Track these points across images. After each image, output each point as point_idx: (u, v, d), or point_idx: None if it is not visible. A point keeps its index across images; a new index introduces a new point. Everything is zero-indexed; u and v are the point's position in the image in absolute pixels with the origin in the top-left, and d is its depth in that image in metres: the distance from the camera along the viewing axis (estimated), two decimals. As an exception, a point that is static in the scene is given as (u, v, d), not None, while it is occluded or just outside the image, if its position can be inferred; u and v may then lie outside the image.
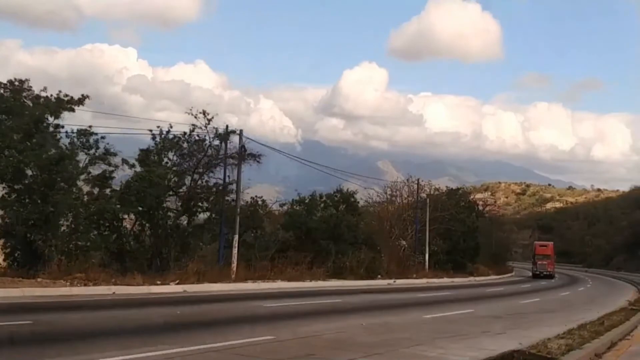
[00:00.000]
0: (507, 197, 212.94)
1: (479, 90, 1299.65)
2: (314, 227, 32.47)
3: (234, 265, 25.76)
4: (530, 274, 59.99)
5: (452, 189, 60.15)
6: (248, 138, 27.42)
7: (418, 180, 48.32)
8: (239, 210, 27.01)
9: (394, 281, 33.63)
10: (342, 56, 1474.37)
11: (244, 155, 26.66)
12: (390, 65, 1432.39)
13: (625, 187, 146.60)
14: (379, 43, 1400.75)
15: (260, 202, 31.52)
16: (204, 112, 25.96)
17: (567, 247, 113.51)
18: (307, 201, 34.27)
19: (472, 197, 69.24)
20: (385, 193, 48.54)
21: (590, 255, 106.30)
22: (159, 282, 20.71)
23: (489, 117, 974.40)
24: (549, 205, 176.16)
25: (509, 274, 61.00)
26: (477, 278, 47.00)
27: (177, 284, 21.05)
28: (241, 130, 27.34)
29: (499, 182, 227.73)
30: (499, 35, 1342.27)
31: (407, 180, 49.92)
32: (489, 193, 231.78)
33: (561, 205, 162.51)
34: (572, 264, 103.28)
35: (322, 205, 34.79)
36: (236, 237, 26.49)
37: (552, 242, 69.72)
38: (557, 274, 59.71)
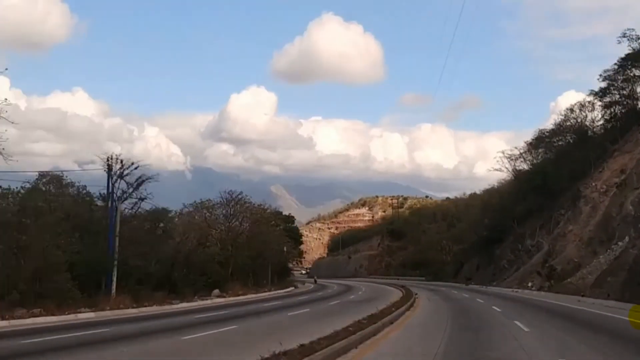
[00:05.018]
0: (384, 211, 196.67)
1: (366, 113, 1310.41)
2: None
3: None
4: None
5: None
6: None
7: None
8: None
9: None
10: (229, 79, 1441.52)
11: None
12: (278, 89, 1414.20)
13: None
14: (266, 66, 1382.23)
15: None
16: None
17: (421, 257, 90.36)
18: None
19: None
20: None
21: (448, 263, 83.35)
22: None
23: (376, 140, 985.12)
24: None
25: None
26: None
27: None
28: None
29: (377, 196, 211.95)
30: (381, 56, 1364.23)
31: None
32: (367, 208, 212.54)
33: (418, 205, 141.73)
34: (416, 277, 79.60)
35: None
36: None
37: None
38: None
